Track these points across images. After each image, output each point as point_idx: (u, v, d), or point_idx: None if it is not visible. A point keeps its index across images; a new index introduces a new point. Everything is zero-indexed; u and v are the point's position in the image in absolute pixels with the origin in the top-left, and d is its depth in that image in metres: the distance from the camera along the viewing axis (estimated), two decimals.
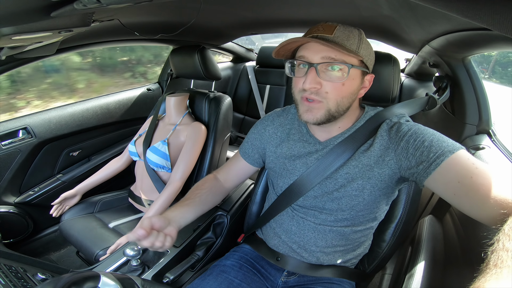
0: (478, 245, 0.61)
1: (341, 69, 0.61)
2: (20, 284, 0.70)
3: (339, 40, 0.60)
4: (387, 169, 0.64)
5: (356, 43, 0.62)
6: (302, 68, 0.64)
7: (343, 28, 0.62)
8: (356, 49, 0.62)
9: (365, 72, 0.66)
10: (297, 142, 0.76)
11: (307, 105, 0.64)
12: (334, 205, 0.70)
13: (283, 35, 2.37)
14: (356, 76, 0.64)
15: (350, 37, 0.61)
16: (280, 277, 0.79)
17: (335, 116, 0.65)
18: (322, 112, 0.63)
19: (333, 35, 0.60)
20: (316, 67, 0.60)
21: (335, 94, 0.62)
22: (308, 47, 0.63)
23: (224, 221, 0.98)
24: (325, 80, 0.61)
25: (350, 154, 0.67)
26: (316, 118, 0.64)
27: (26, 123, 1.32)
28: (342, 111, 0.65)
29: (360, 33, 0.64)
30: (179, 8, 1.03)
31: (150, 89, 1.87)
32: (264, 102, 2.26)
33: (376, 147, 0.65)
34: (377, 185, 0.65)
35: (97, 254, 1.01)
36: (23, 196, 1.35)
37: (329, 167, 0.68)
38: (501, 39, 0.64)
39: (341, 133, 0.71)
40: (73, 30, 0.68)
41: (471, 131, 0.99)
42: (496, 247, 0.37)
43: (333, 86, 0.61)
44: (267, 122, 0.83)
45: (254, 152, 0.85)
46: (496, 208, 0.46)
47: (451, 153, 0.53)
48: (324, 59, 0.60)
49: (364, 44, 0.64)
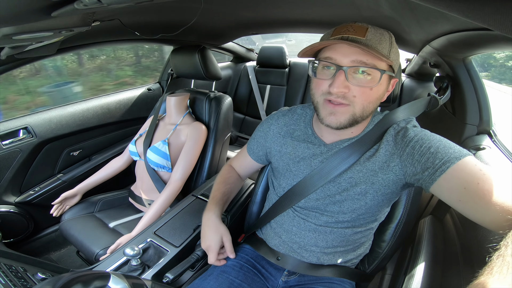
0: (478, 245, 0.61)
1: (371, 74, 0.58)
2: (20, 283, 0.70)
3: (372, 43, 0.57)
4: (392, 175, 0.63)
5: (388, 47, 0.59)
6: (328, 70, 0.61)
7: (375, 30, 0.59)
8: (388, 53, 0.59)
9: (391, 76, 0.64)
10: (301, 142, 0.75)
11: (331, 108, 0.61)
12: (336, 208, 0.69)
13: (283, 35, 2.37)
14: (384, 81, 0.61)
15: (382, 41, 0.58)
16: (281, 276, 0.79)
17: (358, 121, 0.63)
18: (346, 117, 0.61)
19: (366, 38, 0.57)
20: (346, 71, 0.57)
21: (363, 99, 0.60)
22: (336, 48, 0.59)
23: (224, 221, 0.98)
24: (354, 85, 0.58)
25: (355, 158, 0.65)
26: (340, 122, 0.61)
27: (26, 123, 1.33)
28: (366, 116, 0.63)
29: (391, 37, 0.61)
30: (180, 8, 1.03)
31: (150, 89, 1.87)
32: (265, 102, 2.26)
33: (382, 153, 0.64)
34: (380, 190, 0.65)
35: (97, 253, 1.01)
36: (23, 196, 1.35)
37: (333, 170, 0.67)
38: (502, 39, 0.64)
39: (348, 138, 0.70)
40: (73, 30, 0.68)
41: (472, 132, 0.98)
42: (504, 252, 0.36)
43: (361, 91, 0.59)
44: (272, 121, 0.83)
45: (259, 149, 0.86)
46: (502, 215, 0.45)
47: (458, 159, 0.52)
48: (355, 62, 0.57)
49: (395, 48, 0.61)
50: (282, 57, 2.15)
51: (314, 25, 1.35)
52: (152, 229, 0.94)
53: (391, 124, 0.67)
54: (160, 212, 1.10)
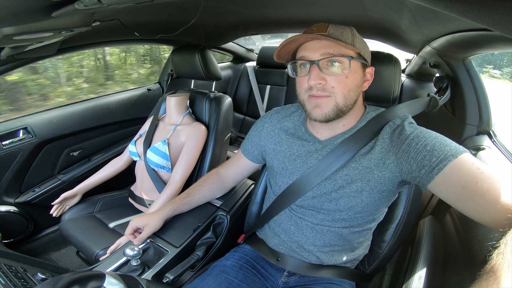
0: (478, 245, 0.61)
1: (342, 63, 0.63)
2: (20, 283, 0.70)
3: (334, 36, 0.63)
4: (388, 172, 0.63)
5: (351, 37, 0.65)
6: (304, 67, 0.66)
7: (335, 26, 0.65)
8: (352, 42, 0.64)
9: (365, 65, 0.68)
10: (296, 140, 0.76)
11: (315, 101, 0.65)
12: (332, 205, 0.70)
13: (283, 35, 2.38)
14: (358, 69, 0.66)
15: (344, 33, 0.64)
16: (281, 277, 0.79)
17: (343, 111, 0.66)
18: (330, 107, 0.64)
19: (327, 32, 0.63)
20: (318, 64, 0.63)
21: (341, 87, 0.64)
22: (307, 47, 0.65)
23: (224, 221, 0.98)
24: (329, 75, 0.63)
25: (350, 155, 0.66)
26: (325, 114, 0.65)
27: (26, 123, 1.33)
28: (350, 105, 0.66)
29: (351, 29, 0.66)
30: (180, 8, 1.03)
31: (150, 89, 1.87)
32: (265, 102, 2.27)
33: (377, 150, 0.65)
34: (376, 188, 0.65)
35: (97, 254, 1.01)
36: (23, 196, 1.35)
37: (329, 167, 0.68)
38: (502, 39, 0.64)
39: (342, 133, 0.71)
40: (74, 30, 0.68)
41: (472, 132, 0.98)
42: (503, 250, 0.36)
43: (337, 80, 0.63)
44: (265, 119, 0.84)
45: (253, 148, 0.87)
46: (503, 213, 0.45)
47: (454, 157, 0.52)
48: (324, 55, 0.62)
49: (358, 38, 0.67)
50: None
51: None
52: None
53: (386, 121, 0.68)
54: None
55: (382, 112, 0.71)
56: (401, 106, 0.75)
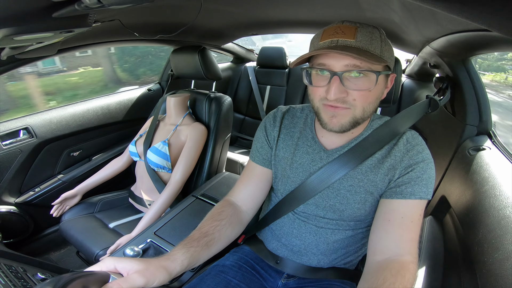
0: (478, 246, 0.61)
1: (368, 76, 0.56)
2: (20, 284, 0.70)
3: (363, 45, 0.55)
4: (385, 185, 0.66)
5: (379, 46, 0.56)
6: (322, 75, 0.59)
7: (364, 29, 0.56)
8: (380, 52, 0.56)
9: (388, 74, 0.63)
10: (300, 147, 0.73)
11: (332, 111, 0.60)
12: (336, 215, 0.70)
13: (283, 36, 2.38)
14: (382, 81, 0.60)
15: (373, 40, 0.56)
16: (280, 279, 0.79)
17: (359, 123, 0.62)
18: (347, 119, 0.60)
19: (356, 40, 0.55)
20: (340, 76, 0.55)
21: (363, 101, 0.58)
22: (329, 54, 0.57)
23: None
24: (351, 89, 0.57)
25: (355, 164, 0.65)
26: (341, 125, 0.60)
27: (27, 123, 1.33)
28: (367, 117, 0.62)
29: (381, 33, 0.58)
30: (180, 8, 1.03)
31: (150, 89, 1.87)
32: (265, 102, 2.27)
33: (386, 166, 0.65)
34: (378, 198, 0.67)
35: (97, 254, 1.01)
36: (23, 196, 1.35)
37: (332, 176, 0.67)
38: (502, 40, 0.64)
39: (348, 143, 0.69)
40: (74, 31, 0.68)
41: (472, 132, 0.98)
42: None
43: (360, 94, 0.57)
44: (267, 121, 0.81)
45: (264, 151, 0.79)
46: None
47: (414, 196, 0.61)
48: (348, 66, 0.55)
49: (387, 45, 0.59)
50: (282, 57, 2.16)
51: (314, 26, 1.35)
52: (152, 229, 0.94)
53: (393, 133, 0.66)
54: (160, 212, 1.10)
55: (387, 121, 0.69)
56: (402, 114, 0.72)
